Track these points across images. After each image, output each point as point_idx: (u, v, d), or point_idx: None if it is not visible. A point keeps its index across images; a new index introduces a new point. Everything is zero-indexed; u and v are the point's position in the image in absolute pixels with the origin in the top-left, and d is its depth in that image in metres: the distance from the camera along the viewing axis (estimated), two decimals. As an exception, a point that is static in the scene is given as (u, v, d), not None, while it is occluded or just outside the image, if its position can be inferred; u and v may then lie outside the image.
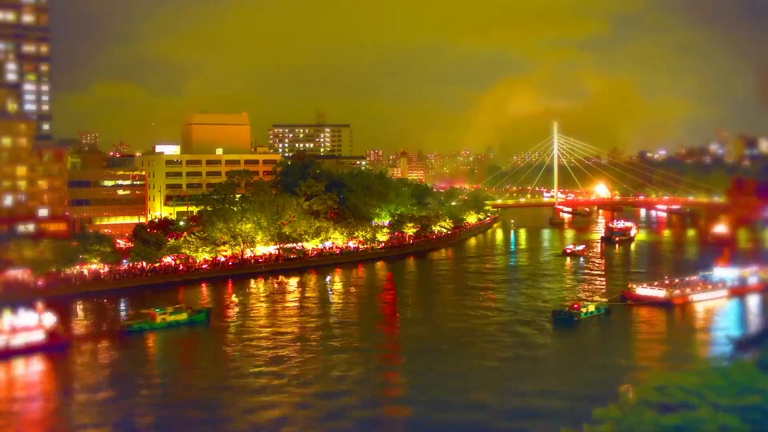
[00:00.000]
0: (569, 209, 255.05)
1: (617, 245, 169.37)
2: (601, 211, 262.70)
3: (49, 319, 76.60)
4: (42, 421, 57.20)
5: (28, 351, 73.35)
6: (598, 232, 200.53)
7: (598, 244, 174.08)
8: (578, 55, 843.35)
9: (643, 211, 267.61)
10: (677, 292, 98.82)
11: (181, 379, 67.33)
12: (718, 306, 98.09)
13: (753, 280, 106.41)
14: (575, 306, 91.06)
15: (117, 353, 75.59)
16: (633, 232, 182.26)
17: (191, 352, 77.35)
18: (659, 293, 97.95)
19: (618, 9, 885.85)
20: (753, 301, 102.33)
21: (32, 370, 70.96)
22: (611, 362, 71.84)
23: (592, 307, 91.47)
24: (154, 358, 76.51)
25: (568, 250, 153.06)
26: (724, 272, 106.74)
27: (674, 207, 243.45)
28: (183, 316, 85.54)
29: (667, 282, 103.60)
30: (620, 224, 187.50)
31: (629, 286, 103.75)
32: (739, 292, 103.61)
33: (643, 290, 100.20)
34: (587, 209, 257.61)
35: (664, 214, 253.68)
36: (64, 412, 58.18)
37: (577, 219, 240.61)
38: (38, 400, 62.05)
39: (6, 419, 56.28)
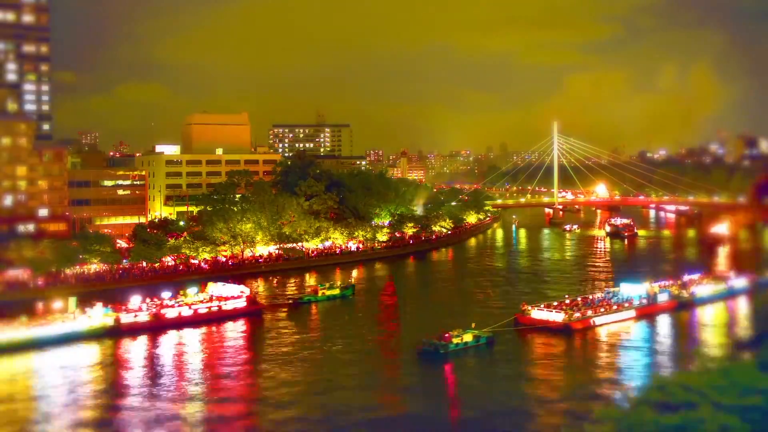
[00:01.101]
0: (560, 207, 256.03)
1: (625, 240, 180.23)
2: (598, 211, 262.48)
3: (245, 289, 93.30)
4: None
5: (234, 315, 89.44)
6: (600, 230, 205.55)
7: (607, 240, 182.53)
8: (580, 56, 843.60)
9: (652, 212, 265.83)
10: (577, 315, 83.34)
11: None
12: (622, 331, 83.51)
13: (663, 298, 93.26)
14: (445, 336, 73.60)
15: (299, 317, 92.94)
16: (635, 229, 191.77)
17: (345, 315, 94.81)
18: (556, 317, 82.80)
19: (620, 12, 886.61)
20: (663, 324, 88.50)
21: (241, 330, 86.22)
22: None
23: (468, 337, 74.49)
24: (325, 319, 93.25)
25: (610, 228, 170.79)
26: (631, 289, 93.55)
27: (682, 208, 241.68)
28: (336, 291, 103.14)
29: (568, 301, 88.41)
30: (621, 221, 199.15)
31: (523, 307, 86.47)
32: (648, 312, 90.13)
33: (538, 313, 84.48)
34: (577, 207, 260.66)
35: (672, 215, 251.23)
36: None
37: (568, 216, 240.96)
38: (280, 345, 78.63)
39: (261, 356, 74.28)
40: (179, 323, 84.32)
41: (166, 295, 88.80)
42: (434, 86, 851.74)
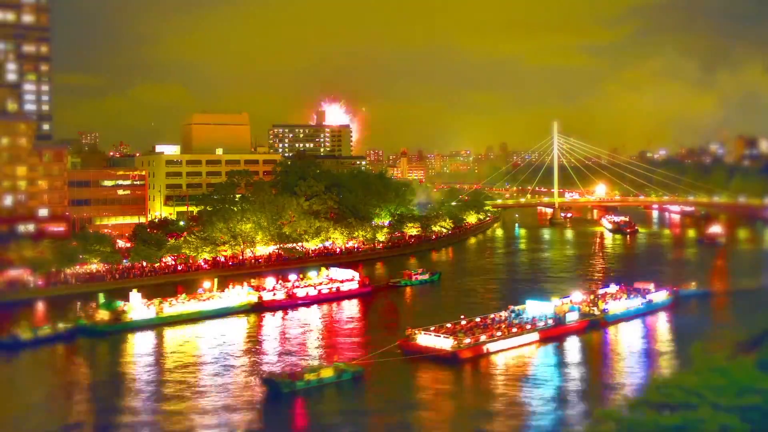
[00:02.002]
0: (550, 209, 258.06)
1: (628, 236, 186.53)
2: (596, 211, 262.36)
3: (356, 274, 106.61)
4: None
5: (349, 295, 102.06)
6: (600, 228, 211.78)
7: (610, 237, 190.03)
8: (583, 59, 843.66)
9: (655, 213, 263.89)
10: (468, 341, 71.37)
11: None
12: (519, 359, 71.18)
13: (572, 317, 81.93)
14: (293, 372, 62.51)
15: (400, 297, 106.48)
16: (635, 226, 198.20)
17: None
18: (444, 343, 70.63)
19: (626, 15, 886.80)
20: (571, 349, 76.16)
21: (355, 308, 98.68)
22: None
23: (328, 372, 61.84)
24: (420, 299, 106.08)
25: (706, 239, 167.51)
26: (537, 307, 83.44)
27: (687, 208, 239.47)
28: (426, 276, 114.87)
29: (465, 322, 77.11)
30: (620, 218, 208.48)
31: (408, 332, 73.62)
32: (554, 334, 78.28)
33: (425, 338, 72.13)
34: (569, 207, 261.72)
35: (677, 216, 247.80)
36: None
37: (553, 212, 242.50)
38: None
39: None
40: (307, 301, 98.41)
41: (292, 277, 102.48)
42: (435, 86, 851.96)
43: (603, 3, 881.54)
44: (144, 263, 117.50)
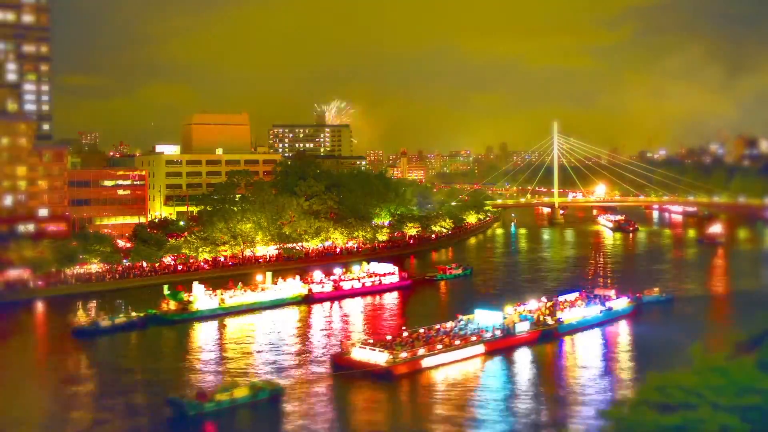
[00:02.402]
0: (548, 208, 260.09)
1: (630, 234, 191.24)
2: (594, 211, 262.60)
3: (395, 268, 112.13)
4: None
5: (391, 288, 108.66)
6: (598, 226, 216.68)
7: (610, 235, 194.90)
8: (583, 59, 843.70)
9: (655, 213, 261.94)
10: (404, 355, 65.65)
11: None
12: (462, 375, 65.45)
13: (523, 328, 76.11)
14: (202, 392, 56.28)
15: (436, 291, 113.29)
16: (635, 225, 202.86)
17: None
18: (379, 357, 64.90)
19: (629, 18, 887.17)
20: (518, 362, 70.60)
21: (394, 299, 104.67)
22: None
23: (242, 392, 56.39)
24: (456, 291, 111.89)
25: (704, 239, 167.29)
26: (487, 317, 77.22)
27: (690, 209, 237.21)
28: (460, 271, 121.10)
29: (406, 334, 72.02)
30: (617, 217, 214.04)
31: (342, 345, 70.93)
32: (502, 346, 72.56)
33: (360, 352, 66.59)
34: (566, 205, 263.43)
35: (678, 217, 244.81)
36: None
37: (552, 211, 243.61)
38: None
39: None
40: (352, 293, 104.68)
41: (337, 271, 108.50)
42: (435, 87, 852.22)
43: (603, 4, 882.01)
44: (144, 263, 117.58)
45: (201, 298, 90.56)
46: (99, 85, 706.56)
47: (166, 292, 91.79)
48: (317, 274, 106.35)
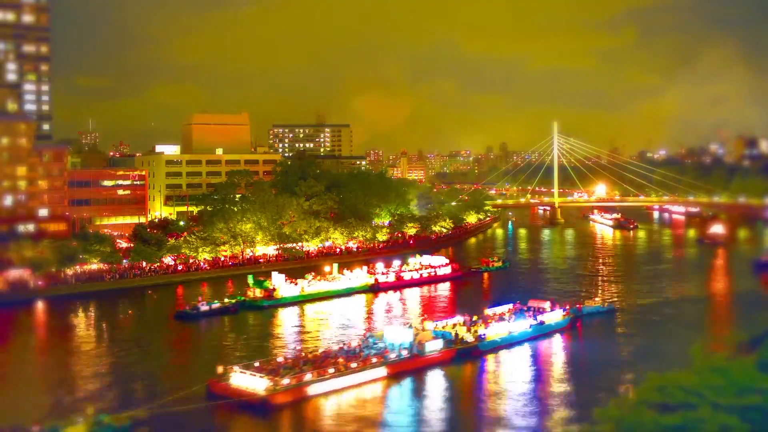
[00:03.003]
0: (543, 209, 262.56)
1: (631, 232, 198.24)
2: (595, 211, 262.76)
3: (446, 260, 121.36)
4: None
5: (444, 279, 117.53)
6: (594, 225, 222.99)
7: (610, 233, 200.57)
8: (588, 62, 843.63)
9: (656, 214, 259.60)
10: (287, 381, 57.20)
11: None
12: (354, 405, 57.81)
13: (435, 346, 67.58)
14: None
15: (482, 280, 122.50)
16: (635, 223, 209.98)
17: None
18: (258, 384, 56.75)
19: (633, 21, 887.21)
20: (427, 386, 63.48)
21: (446, 290, 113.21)
22: None
23: (77, 430, 47.47)
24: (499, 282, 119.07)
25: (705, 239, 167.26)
26: (396, 334, 69.07)
27: (693, 209, 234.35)
28: (500, 264, 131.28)
29: (291, 358, 63.97)
30: (612, 216, 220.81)
31: (219, 371, 59.72)
32: (408, 368, 64.88)
33: (239, 378, 58.30)
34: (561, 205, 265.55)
35: (680, 217, 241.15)
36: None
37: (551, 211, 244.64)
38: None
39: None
40: (412, 283, 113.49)
41: (396, 263, 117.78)
42: (435, 87, 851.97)
43: (604, 5, 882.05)
44: (144, 263, 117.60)
45: (283, 286, 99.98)
46: (99, 86, 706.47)
47: (250, 281, 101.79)
48: (380, 266, 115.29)
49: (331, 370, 60.21)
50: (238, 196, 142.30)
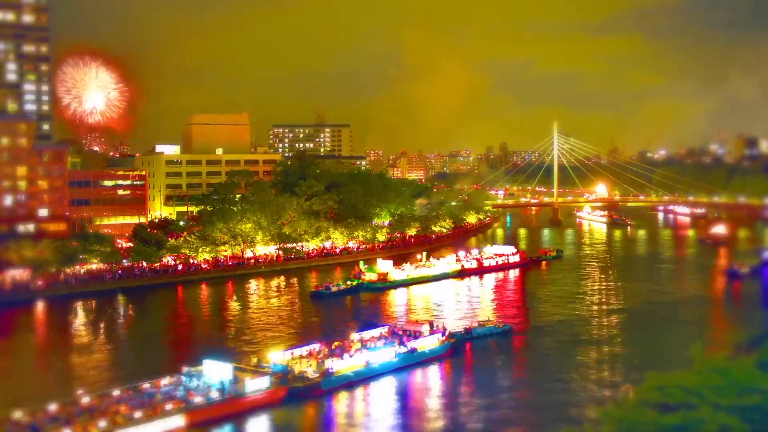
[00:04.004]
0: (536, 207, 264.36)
1: (628, 228, 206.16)
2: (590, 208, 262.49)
3: (514, 249, 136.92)
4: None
5: (514, 266, 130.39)
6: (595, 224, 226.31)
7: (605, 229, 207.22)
8: (586, 62, 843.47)
9: (660, 215, 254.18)
10: None
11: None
12: None
13: (258, 386, 55.66)
14: None
15: (541, 267, 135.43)
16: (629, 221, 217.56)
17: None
18: None
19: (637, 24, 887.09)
20: None
21: (514, 276, 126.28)
22: None
23: None
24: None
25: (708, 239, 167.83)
26: (215, 369, 56.99)
27: (698, 210, 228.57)
28: (555, 253, 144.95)
29: (66, 403, 50.79)
30: (602, 213, 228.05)
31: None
32: (220, 414, 53.07)
33: None
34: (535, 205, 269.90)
35: (686, 219, 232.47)
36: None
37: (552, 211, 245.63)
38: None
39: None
40: (490, 269, 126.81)
41: (474, 252, 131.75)
42: (436, 87, 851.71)
43: (604, 6, 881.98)
44: (144, 263, 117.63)
45: (393, 271, 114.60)
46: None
47: (362, 266, 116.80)
48: (461, 254, 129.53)
49: (103, 423, 46.42)
50: (238, 196, 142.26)
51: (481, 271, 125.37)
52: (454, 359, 70.64)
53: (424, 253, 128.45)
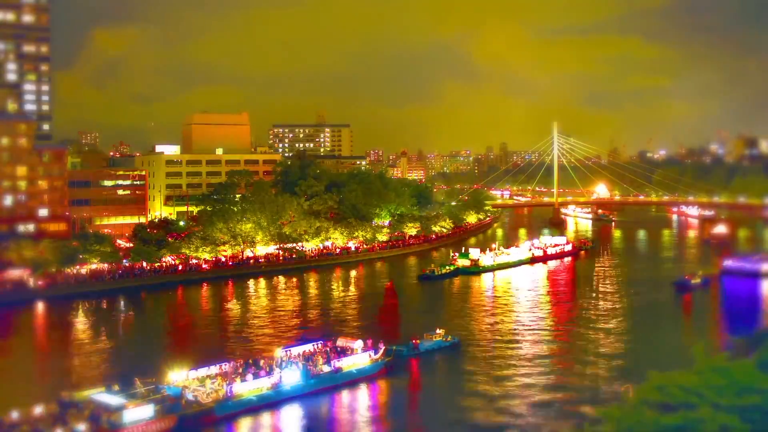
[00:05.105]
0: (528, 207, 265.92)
1: (612, 224, 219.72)
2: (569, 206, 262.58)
3: (564, 238, 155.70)
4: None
5: (569, 254, 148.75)
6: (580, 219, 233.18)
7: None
8: (586, 62, 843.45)
9: (675, 217, 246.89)
10: None
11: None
12: None
13: (141, 414, 49.19)
14: None
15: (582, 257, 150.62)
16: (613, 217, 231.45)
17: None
18: None
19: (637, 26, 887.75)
20: None
21: (564, 266, 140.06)
22: None
23: None
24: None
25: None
26: (107, 398, 50.76)
27: (707, 212, 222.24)
28: (591, 244, 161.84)
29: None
30: (586, 210, 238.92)
31: None
32: None
33: None
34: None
35: (695, 221, 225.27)
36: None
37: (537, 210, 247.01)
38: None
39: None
40: (552, 256, 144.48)
41: (536, 242, 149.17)
42: (436, 87, 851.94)
43: (605, 7, 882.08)
44: (144, 263, 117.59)
45: (483, 257, 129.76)
46: (100, 86, 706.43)
47: (457, 255, 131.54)
48: (527, 244, 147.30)
49: None
50: (238, 196, 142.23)
51: (545, 258, 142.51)
52: (390, 379, 62.50)
53: (496, 243, 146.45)
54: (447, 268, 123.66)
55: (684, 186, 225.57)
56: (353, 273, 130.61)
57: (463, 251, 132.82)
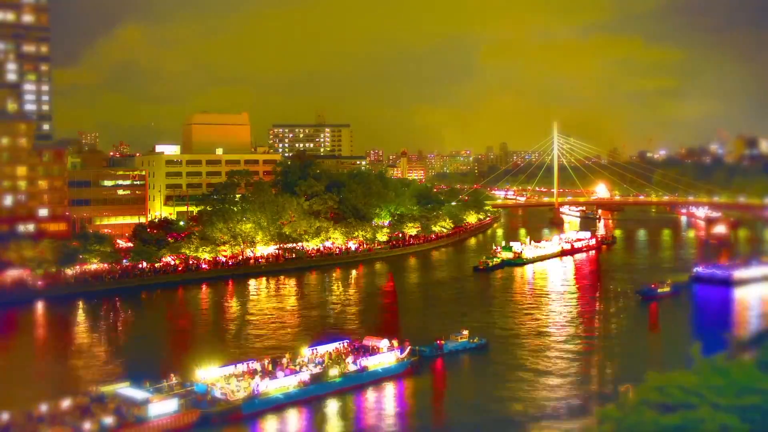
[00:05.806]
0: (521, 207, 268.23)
1: (597, 222, 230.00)
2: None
3: (587, 234, 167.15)
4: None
5: (587, 249, 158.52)
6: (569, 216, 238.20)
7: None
8: (586, 63, 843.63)
9: (684, 218, 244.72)
10: None
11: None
12: None
13: (165, 409, 50.91)
14: None
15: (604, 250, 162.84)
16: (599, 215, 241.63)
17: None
18: None
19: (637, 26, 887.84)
20: None
21: (586, 259, 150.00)
22: None
23: None
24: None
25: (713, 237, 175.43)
26: (132, 393, 52.25)
27: (713, 214, 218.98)
28: (611, 239, 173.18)
29: None
30: (576, 209, 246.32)
31: None
32: None
33: None
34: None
35: (702, 222, 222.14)
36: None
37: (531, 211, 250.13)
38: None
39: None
40: (578, 250, 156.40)
41: (555, 237, 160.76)
42: (436, 86, 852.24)
43: (605, 8, 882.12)
44: (144, 263, 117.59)
45: (525, 249, 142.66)
46: (101, 85, 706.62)
47: (499, 248, 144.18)
48: (555, 238, 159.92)
49: None
50: (238, 196, 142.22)
51: (573, 251, 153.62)
52: (415, 378, 62.63)
53: (528, 238, 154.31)
54: (495, 260, 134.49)
55: (684, 186, 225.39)
56: (364, 270, 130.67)
57: (504, 244, 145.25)
